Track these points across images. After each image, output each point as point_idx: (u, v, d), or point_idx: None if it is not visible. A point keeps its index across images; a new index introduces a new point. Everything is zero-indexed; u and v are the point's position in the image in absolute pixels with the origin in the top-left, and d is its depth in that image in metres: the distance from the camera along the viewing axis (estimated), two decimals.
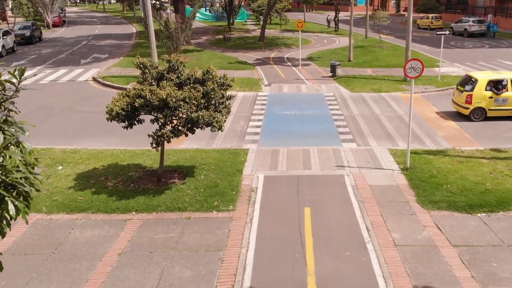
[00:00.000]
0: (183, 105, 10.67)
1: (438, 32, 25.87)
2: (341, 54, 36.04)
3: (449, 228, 10.29)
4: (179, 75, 11.42)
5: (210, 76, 11.36)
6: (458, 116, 19.31)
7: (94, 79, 27.45)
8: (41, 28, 59.24)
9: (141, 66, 11.42)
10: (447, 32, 25.72)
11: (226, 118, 12.08)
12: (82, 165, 13.94)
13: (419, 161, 13.95)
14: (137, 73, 29.86)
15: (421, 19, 55.96)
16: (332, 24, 55.57)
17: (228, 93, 11.98)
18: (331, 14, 64.93)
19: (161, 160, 12.28)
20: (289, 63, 33.16)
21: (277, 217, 10.78)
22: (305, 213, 10.93)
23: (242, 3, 70.41)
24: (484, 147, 15.61)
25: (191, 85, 11.22)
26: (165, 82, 11.13)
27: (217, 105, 11.36)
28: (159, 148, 11.22)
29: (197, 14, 72.19)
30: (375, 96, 23.23)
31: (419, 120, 18.96)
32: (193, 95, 10.84)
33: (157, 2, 60.00)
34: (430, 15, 55.02)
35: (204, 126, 11.32)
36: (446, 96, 23.05)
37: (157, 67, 11.58)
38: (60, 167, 13.84)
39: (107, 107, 11.26)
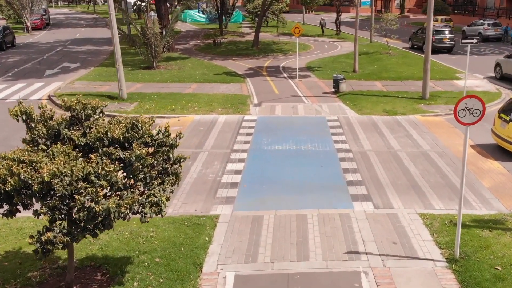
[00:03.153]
0: (84, 189, 6.09)
1: (463, 41, 21.35)
2: (345, 63, 31.50)
3: None
4: (86, 131, 6.83)
5: (138, 134, 6.77)
6: (501, 153, 14.75)
7: (50, 97, 22.84)
8: (19, 32, 54.94)
9: (23, 118, 6.84)
10: (475, 41, 21.16)
11: (172, 191, 7.54)
12: None
13: (471, 243, 9.34)
14: (104, 89, 25.60)
15: None
16: (334, 27, 50.97)
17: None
18: (325, 16, 60.72)
19: (70, 262, 7.64)
20: (285, 74, 28.64)
21: None
22: None
23: (237, 3, 65.80)
24: None
25: (105, 149, 6.64)
26: (59, 145, 6.54)
27: (148, 180, 6.77)
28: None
29: (190, 16, 67.85)
30: (389, 121, 18.68)
31: (452, 159, 14.39)
32: (104, 169, 6.27)
33: (143, 4, 55.45)
34: (439, 17, 50.39)
35: (129, 216, 6.77)
36: None
37: (51, 118, 6.98)
38: None
39: None
